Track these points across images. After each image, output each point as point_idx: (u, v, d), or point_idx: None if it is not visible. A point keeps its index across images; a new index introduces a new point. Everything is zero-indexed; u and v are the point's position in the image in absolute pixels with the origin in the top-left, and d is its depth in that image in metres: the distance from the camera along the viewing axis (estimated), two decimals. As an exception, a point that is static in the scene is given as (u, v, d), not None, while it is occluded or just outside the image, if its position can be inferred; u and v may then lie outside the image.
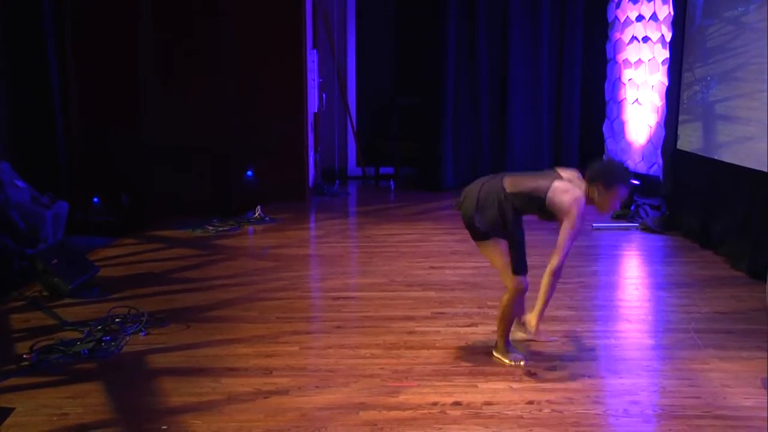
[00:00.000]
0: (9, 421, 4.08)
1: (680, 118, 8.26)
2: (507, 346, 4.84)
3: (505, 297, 4.75)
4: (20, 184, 8.11)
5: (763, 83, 6.63)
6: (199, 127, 10.00)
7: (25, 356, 4.93)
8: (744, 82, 7.02)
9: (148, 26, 9.95)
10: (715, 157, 7.71)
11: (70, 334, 5.35)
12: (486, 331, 5.38)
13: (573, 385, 4.50)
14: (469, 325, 5.52)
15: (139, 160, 9.85)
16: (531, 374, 4.64)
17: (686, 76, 8.09)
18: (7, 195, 7.70)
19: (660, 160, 9.35)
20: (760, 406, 4.21)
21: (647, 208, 8.78)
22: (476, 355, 4.93)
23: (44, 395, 4.41)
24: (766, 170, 6.57)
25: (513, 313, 4.81)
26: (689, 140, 8.06)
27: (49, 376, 4.68)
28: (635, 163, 10.17)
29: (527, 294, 4.85)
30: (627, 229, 8.69)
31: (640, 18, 9.98)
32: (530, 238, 4.89)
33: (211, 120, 10.03)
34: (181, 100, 9.99)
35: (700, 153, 7.94)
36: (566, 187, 4.51)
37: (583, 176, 4.63)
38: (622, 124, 10.53)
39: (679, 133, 8.27)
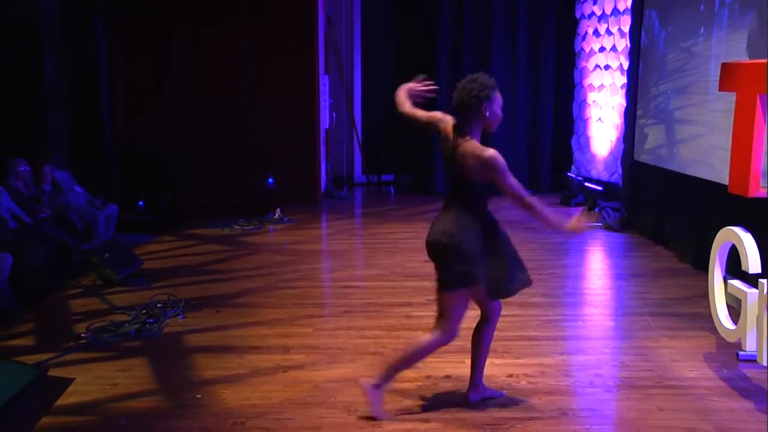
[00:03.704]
0: (70, 389, 4.12)
1: (648, 122, 8.38)
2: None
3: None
4: (78, 189, 8.16)
5: (707, 95, 6.81)
6: (228, 142, 10.04)
7: (82, 335, 4.98)
8: (694, 95, 7.22)
9: (183, 54, 9.99)
10: (669, 165, 7.75)
11: (119, 317, 5.39)
12: (473, 315, 5.38)
13: (546, 360, 4.52)
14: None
15: (177, 169, 9.87)
16: (509, 351, 4.66)
17: (652, 91, 8.24)
18: (67, 199, 7.75)
19: (620, 170, 9.38)
20: (702, 377, 4.24)
21: (609, 210, 8.80)
22: (464, 336, 4.93)
23: (98, 368, 4.44)
24: (708, 178, 6.61)
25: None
26: (655, 138, 8.15)
27: (102, 352, 4.71)
28: (599, 171, 10.19)
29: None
30: (592, 228, 8.70)
31: (602, 49, 10.00)
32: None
33: (238, 135, 10.07)
34: (213, 120, 10.03)
35: (660, 152, 8.02)
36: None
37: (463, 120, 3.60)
38: (587, 139, 10.55)
39: (647, 132, 8.37)
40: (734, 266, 4.52)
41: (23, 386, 4.01)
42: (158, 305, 5.61)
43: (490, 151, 3.49)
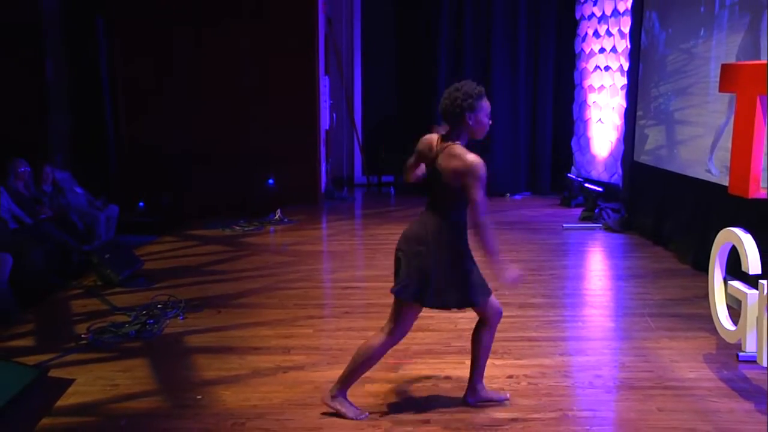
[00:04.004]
0: (70, 390, 4.12)
1: (648, 123, 8.39)
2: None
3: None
4: (78, 190, 8.17)
5: (707, 96, 6.83)
6: (228, 142, 10.04)
7: (83, 336, 4.98)
8: (694, 96, 7.23)
9: (184, 55, 9.99)
10: (669, 166, 7.76)
11: (120, 318, 5.39)
12: (472, 316, 5.36)
13: (546, 361, 4.52)
14: (458, 311, 5.52)
15: (177, 169, 9.88)
16: (509, 352, 4.66)
17: (652, 92, 8.27)
18: (68, 200, 7.74)
19: (620, 171, 9.38)
20: (702, 377, 4.24)
21: (609, 211, 8.80)
22: (464, 336, 4.94)
23: (99, 369, 4.44)
24: (708, 179, 6.62)
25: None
26: (655, 139, 8.16)
27: (103, 353, 4.72)
28: (599, 172, 10.19)
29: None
30: (592, 229, 8.71)
31: (602, 50, 10.01)
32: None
33: (238, 136, 10.07)
34: (213, 120, 10.04)
35: (660, 153, 8.03)
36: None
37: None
38: (587, 140, 10.55)
39: (647, 133, 8.38)
40: (734, 267, 4.52)
41: (24, 387, 4.01)
42: (159, 306, 5.61)
43: (475, 157, 3.45)
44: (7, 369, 4.20)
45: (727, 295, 4.54)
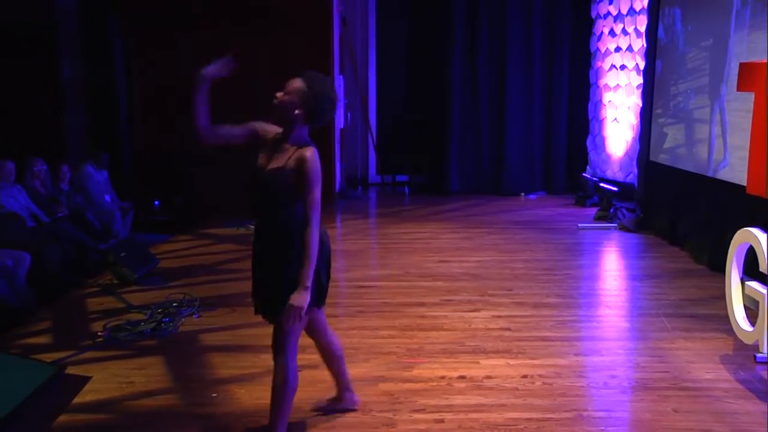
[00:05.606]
0: (87, 387, 4.15)
1: (667, 121, 8.32)
2: None
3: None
4: (107, 197, 8.23)
5: (728, 95, 6.74)
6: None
7: (99, 334, 5.01)
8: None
9: (198, 55, 10.00)
10: (686, 165, 7.70)
11: (135, 316, 5.42)
12: (486, 315, 5.39)
13: (561, 361, 4.50)
14: (472, 311, 5.53)
15: (192, 168, 9.90)
16: (524, 352, 4.65)
17: (671, 90, 8.19)
18: (88, 197, 7.80)
19: (635, 170, 9.33)
20: (718, 378, 4.21)
21: (624, 210, 8.75)
22: (478, 336, 4.94)
23: (115, 366, 4.47)
24: (723, 179, 6.57)
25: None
26: (674, 138, 8.09)
27: (119, 351, 4.74)
28: (614, 172, 10.14)
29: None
30: (607, 228, 8.67)
31: (618, 49, 9.95)
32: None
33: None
34: (228, 119, 10.03)
35: (678, 152, 7.97)
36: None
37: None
38: (603, 139, 10.50)
39: (666, 132, 8.32)
40: (751, 267, 4.48)
41: (41, 384, 4.04)
42: (174, 304, 5.63)
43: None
44: (24, 366, 4.24)
45: (745, 296, 4.50)
